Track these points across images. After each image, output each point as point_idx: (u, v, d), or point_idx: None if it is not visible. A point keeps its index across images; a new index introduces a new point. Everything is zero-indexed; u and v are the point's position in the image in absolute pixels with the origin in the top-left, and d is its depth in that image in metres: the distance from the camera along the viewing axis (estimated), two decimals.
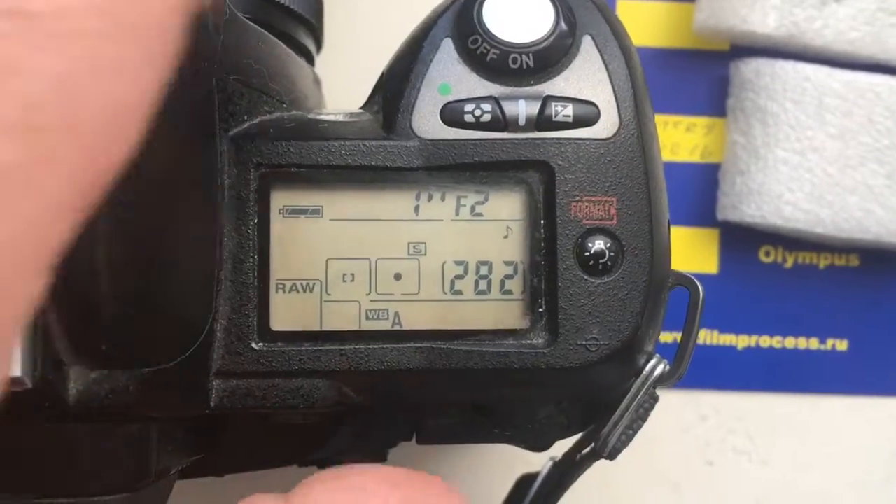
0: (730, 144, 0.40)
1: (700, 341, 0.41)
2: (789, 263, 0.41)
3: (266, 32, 0.25)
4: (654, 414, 0.25)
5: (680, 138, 0.41)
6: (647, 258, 0.23)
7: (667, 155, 0.41)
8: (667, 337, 0.39)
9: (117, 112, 0.15)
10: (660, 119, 0.41)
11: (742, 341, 0.41)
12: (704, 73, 0.41)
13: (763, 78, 0.39)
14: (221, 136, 0.22)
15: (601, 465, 0.26)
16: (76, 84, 0.14)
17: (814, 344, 0.41)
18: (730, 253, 0.41)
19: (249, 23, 0.25)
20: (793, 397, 0.42)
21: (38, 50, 0.14)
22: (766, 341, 0.41)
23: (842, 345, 0.42)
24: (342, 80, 0.33)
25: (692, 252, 0.41)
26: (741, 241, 0.41)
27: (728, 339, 0.41)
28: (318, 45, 0.31)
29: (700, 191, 0.41)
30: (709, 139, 0.41)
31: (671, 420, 0.41)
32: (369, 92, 0.26)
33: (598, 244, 0.23)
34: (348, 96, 0.27)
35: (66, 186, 0.14)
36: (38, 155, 0.14)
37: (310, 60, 0.31)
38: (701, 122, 0.41)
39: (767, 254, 0.41)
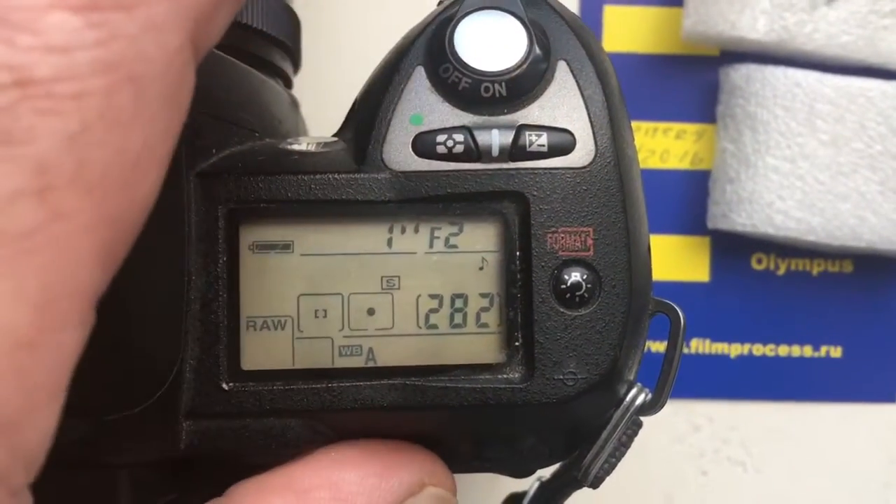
0: (720, 152, 0.40)
1: (692, 350, 0.41)
2: (782, 270, 0.41)
3: (237, 62, 0.25)
4: (646, 424, 0.25)
5: (670, 145, 0.41)
6: (626, 289, 0.23)
7: (656, 162, 0.41)
8: (659, 346, 0.39)
9: (134, 160, 0.16)
10: (649, 126, 0.41)
11: (735, 350, 0.41)
12: (694, 78, 0.41)
13: (753, 84, 0.38)
14: (188, 172, 0.22)
15: None
16: (89, 140, 0.15)
17: (808, 351, 0.41)
18: (721, 260, 0.41)
19: (219, 53, 0.24)
20: (787, 405, 0.41)
21: (47, 115, 0.14)
22: (759, 349, 0.41)
23: (836, 352, 0.41)
24: (322, 99, 0.33)
25: (683, 260, 0.41)
26: (733, 248, 0.41)
27: (721, 348, 0.41)
28: (296, 66, 0.31)
29: (690, 198, 0.41)
30: (699, 146, 0.41)
31: (664, 430, 0.41)
32: (348, 108, 0.25)
33: (575, 276, 0.22)
34: (329, 117, 0.27)
35: (89, 238, 0.15)
36: (57, 213, 0.15)
37: (287, 83, 0.30)
38: (691, 128, 0.41)
39: (760, 261, 0.41)
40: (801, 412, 0.41)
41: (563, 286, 0.22)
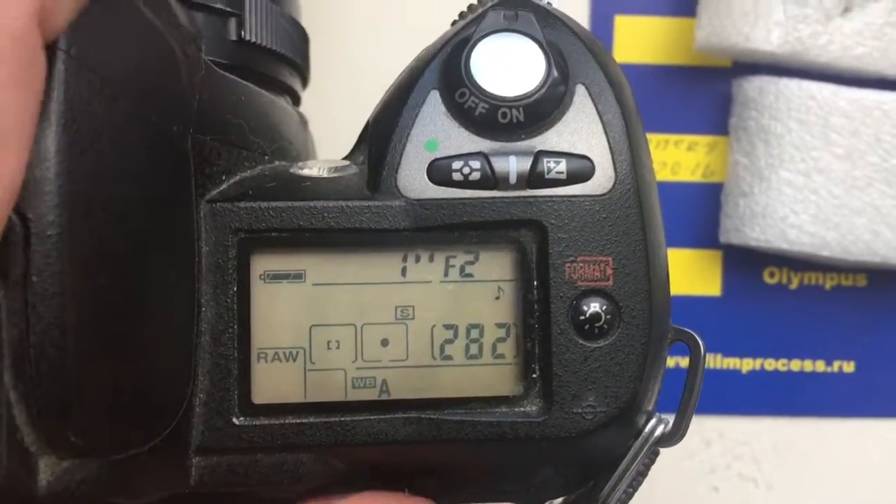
0: (732, 165, 0.39)
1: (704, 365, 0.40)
2: (794, 284, 0.40)
3: (246, 83, 0.24)
4: None
5: (681, 157, 0.40)
6: (646, 319, 0.22)
7: (668, 175, 0.40)
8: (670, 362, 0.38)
9: None
10: (660, 138, 0.40)
11: (747, 364, 0.41)
12: (706, 90, 0.40)
13: (767, 97, 0.38)
14: (198, 201, 0.21)
15: None
16: None
17: (820, 366, 0.41)
18: (733, 274, 0.40)
19: (228, 76, 0.23)
20: (799, 421, 0.41)
21: None
22: (771, 364, 0.41)
23: (849, 367, 0.41)
24: (330, 115, 0.32)
25: (695, 274, 0.40)
26: (745, 262, 0.40)
27: (732, 363, 0.41)
28: (305, 82, 0.30)
29: (702, 211, 0.40)
30: (711, 158, 0.40)
31: (676, 446, 0.41)
32: (358, 125, 0.25)
33: (594, 307, 0.22)
34: (338, 133, 0.26)
35: None
36: None
37: (295, 100, 0.29)
38: (703, 140, 0.40)
39: (772, 275, 0.40)
40: (814, 427, 0.41)
41: (582, 317, 0.22)
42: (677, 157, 0.40)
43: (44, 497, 0.18)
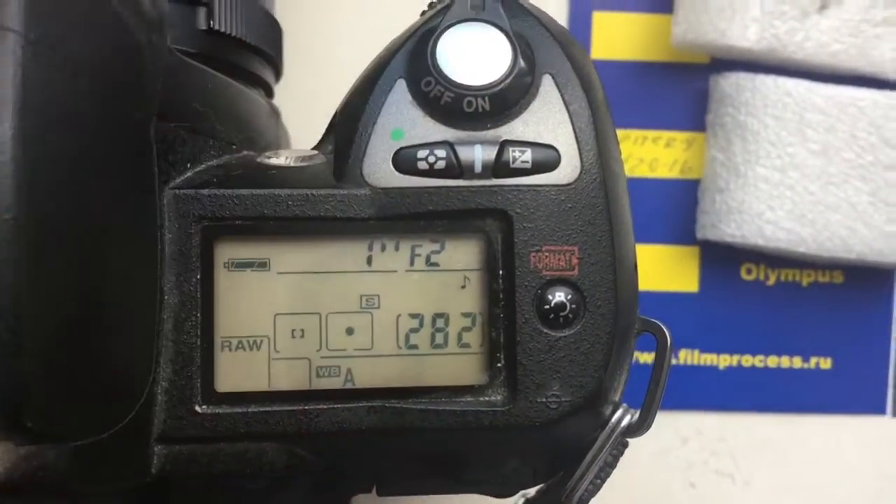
0: (709, 161, 0.39)
1: (681, 361, 0.41)
2: (772, 281, 0.40)
3: (214, 72, 0.24)
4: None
5: (659, 154, 0.40)
6: (611, 309, 0.22)
7: (645, 171, 0.40)
8: (647, 357, 0.38)
9: None
10: (638, 134, 0.40)
11: (724, 361, 0.41)
12: (684, 86, 0.40)
13: (743, 93, 0.38)
14: (161, 188, 0.21)
15: None
16: None
17: (797, 363, 0.41)
18: (711, 271, 0.40)
19: (195, 63, 0.23)
20: (776, 417, 0.41)
21: None
22: (748, 360, 0.41)
23: (826, 363, 0.41)
24: (305, 108, 0.32)
25: (672, 270, 0.40)
26: (722, 258, 0.40)
27: (709, 359, 0.41)
28: (278, 74, 0.30)
29: (680, 207, 0.40)
30: (688, 154, 0.40)
31: (652, 442, 0.41)
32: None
33: (559, 296, 0.22)
34: (313, 125, 0.26)
35: None
36: None
37: (268, 92, 0.29)
38: (680, 136, 0.40)
39: (749, 271, 0.40)
40: (791, 424, 0.41)
41: (547, 306, 0.22)
42: (655, 154, 0.40)
43: (1, 483, 0.18)
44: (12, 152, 0.18)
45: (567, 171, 0.22)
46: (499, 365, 0.22)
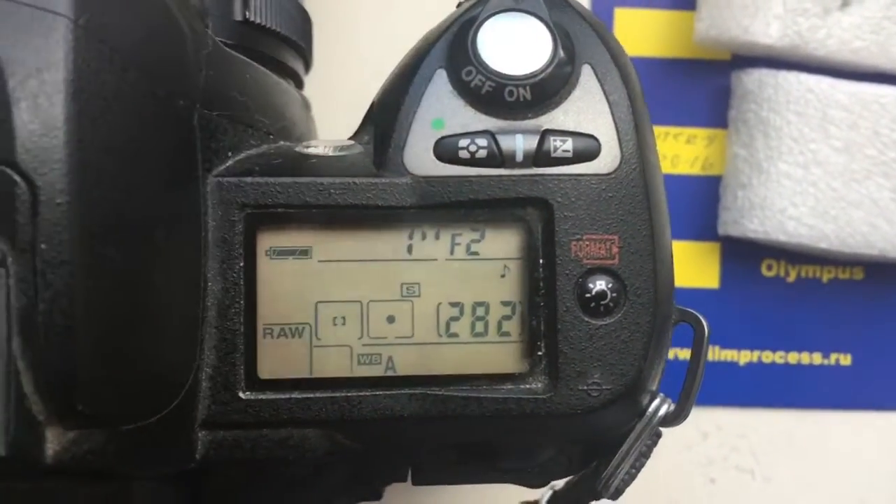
0: (731, 157, 0.39)
1: None
2: (792, 277, 0.41)
3: (252, 62, 0.24)
4: None
5: (680, 150, 0.40)
6: (651, 298, 0.22)
7: (667, 167, 0.40)
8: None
9: None
10: (660, 130, 0.40)
11: (744, 357, 0.41)
12: (705, 83, 0.40)
13: (766, 89, 0.38)
14: (204, 176, 0.21)
15: None
16: None
17: (817, 359, 0.41)
18: (731, 267, 0.41)
19: (234, 53, 0.23)
20: (796, 413, 0.41)
21: None
22: (768, 356, 0.41)
23: (846, 359, 0.41)
24: (333, 99, 0.32)
25: (693, 266, 0.40)
26: (743, 254, 0.40)
27: (730, 355, 0.41)
28: (307, 65, 0.30)
29: (701, 204, 0.40)
30: (710, 151, 0.40)
31: (673, 438, 0.40)
32: (360, 110, 0.25)
33: (600, 285, 0.22)
34: (340, 117, 0.26)
35: None
36: None
37: (298, 83, 0.29)
38: (702, 133, 0.40)
39: (770, 267, 0.41)
40: (811, 420, 0.41)
41: (588, 295, 0.22)
42: (676, 150, 0.40)
43: (51, 466, 0.18)
44: (65, 136, 0.18)
45: (607, 160, 0.22)
46: (539, 353, 0.22)
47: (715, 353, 0.41)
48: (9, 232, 0.18)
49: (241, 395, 0.21)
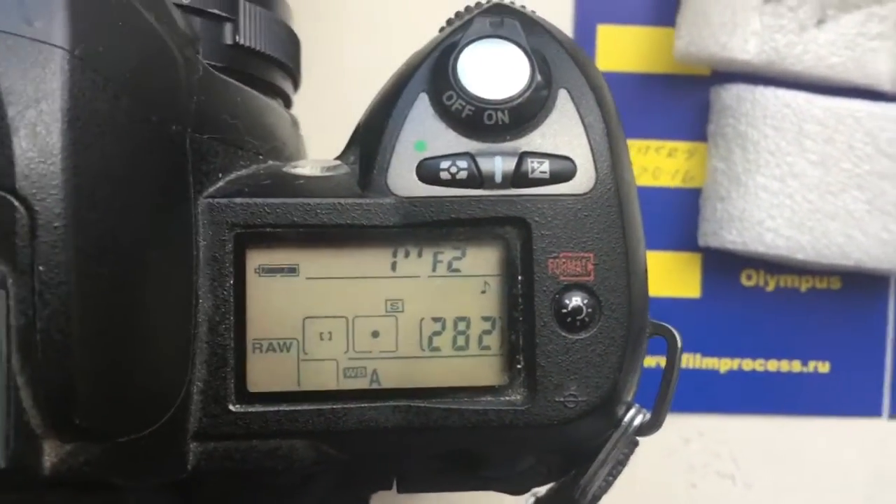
0: (710, 171, 0.40)
1: (683, 365, 0.41)
2: (771, 287, 0.42)
3: (242, 86, 0.25)
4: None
5: (661, 163, 0.41)
6: (625, 312, 0.23)
7: (648, 180, 0.41)
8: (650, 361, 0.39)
9: None
10: (641, 144, 0.41)
11: (725, 364, 0.42)
12: (685, 97, 0.41)
13: (743, 104, 0.39)
14: (196, 197, 0.22)
15: None
16: None
17: (796, 366, 0.42)
18: (712, 277, 0.42)
19: (224, 77, 0.24)
20: (776, 419, 0.42)
21: None
22: (748, 364, 0.42)
23: (824, 367, 0.42)
24: (321, 118, 0.33)
25: (675, 277, 0.41)
26: (723, 265, 0.41)
27: (711, 363, 0.42)
28: (296, 85, 0.31)
29: (682, 215, 0.41)
30: (690, 164, 0.41)
31: (654, 443, 0.41)
32: (347, 125, 0.26)
33: (576, 300, 0.23)
34: (328, 134, 0.27)
35: None
36: None
37: (287, 103, 0.30)
38: (682, 146, 0.41)
39: (749, 277, 0.42)
40: (790, 426, 0.42)
41: (565, 310, 0.23)
42: (658, 163, 0.41)
43: (48, 477, 0.19)
44: (62, 163, 0.19)
45: (583, 180, 0.23)
46: (518, 366, 0.23)
47: (696, 361, 0.42)
48: (9, 255, 0.18)
49: (231, 407, 0.22)
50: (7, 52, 0.19)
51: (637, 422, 0.24)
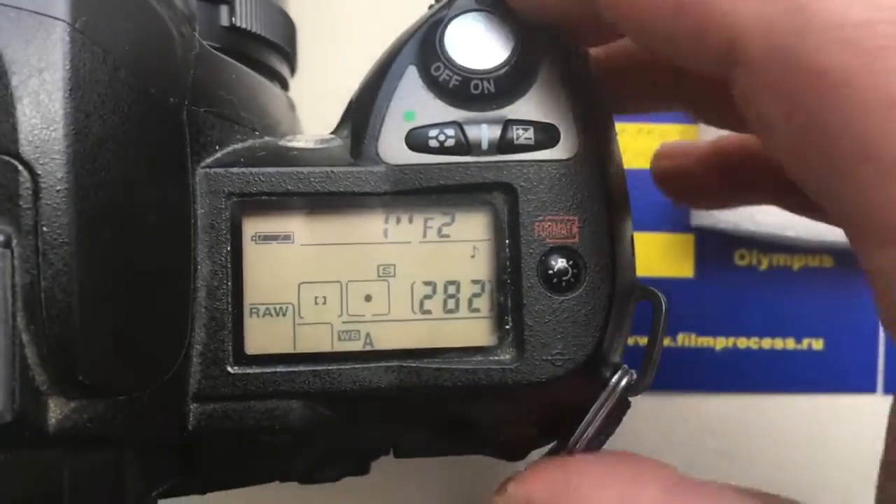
0: None
1: (679, 344, 0.42)
2: (764, 266, 0.42)
3: (237, 63, 0.26)
4: (633, 416, 0.26)
5: (654, 145, 0.42)
6: (609, 274, 0.24)
7: (641, 163, 0.42)
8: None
9: None
10: (633, 127, 0.42)
11: (720, 343, 0.42)
12: None
13: None
14: (193, 167, 0.23)
15: None
16: None
17: (790, 344, 0.42)
18: (705, 257, 0.42)
19: (220, 55, 0.25)
20: (771, 397, 0.43)
21: None
22: (743, 342, 0.42)
23: (818, 344, 0.42)
24: (317, 101, 0.34)
25: (669, 257, 0.42)
26: (716, 245, 0.42)
27: (706, 342, 0.42)
28: (292, 69, 0.32)
29: None
30: None
31: (651, 423, 0.42)
32: (341, 109, 0.27)
33: (561, 262, 0.24)
34: (324, 118, 0.28)
35: None
36: None
37: (283, 85, 0.31)
38: (673, 129, 0.42)
39: (742, 257, 0.42)
40: (785, 403, 0.42)
41: (551, 272, 0.24)
42: (650, 145, 0.42)
43: (53, 434, 0.20)
44: (64, 129, 0.20)
45: (567, 146, 0.24)
46: (507, 327, 0.24)
47: (692, 340, 0.42)
48: (13, 216, 0.19)
49: (229, 369, 0.23)
50: (10, 24, 0.20)
51: (624, 381, 0.25)
